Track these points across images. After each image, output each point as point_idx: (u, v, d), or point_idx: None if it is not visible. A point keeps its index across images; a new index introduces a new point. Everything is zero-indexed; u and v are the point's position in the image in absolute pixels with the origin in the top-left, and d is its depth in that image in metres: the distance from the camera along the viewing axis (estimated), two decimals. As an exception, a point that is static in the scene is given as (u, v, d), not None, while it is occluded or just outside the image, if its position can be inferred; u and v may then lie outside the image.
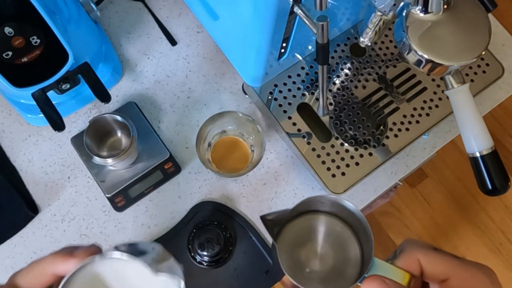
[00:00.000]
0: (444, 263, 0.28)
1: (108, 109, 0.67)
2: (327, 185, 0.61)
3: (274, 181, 0.66)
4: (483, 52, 0.45)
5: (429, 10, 0.43)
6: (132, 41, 0.71)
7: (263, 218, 0.35)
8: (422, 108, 0.65)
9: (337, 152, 0.62)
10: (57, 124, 0.53)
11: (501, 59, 0.69)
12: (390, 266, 0.30)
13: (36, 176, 0.64)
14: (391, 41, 0.68)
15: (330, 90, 0.65)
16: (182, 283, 0.29)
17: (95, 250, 0.31)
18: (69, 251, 0.31)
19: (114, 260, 0.30)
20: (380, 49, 0.68)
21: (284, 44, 0.56)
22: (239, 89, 0.70)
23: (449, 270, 0.28)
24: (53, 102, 0.53)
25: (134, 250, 0.31)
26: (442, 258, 0.29)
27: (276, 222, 0.35)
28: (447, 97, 0.50)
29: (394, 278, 0.30)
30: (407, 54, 0.45)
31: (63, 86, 0.56)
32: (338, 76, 0.66)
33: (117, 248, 0.30)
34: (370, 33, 0.53)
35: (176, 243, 0.61)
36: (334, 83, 0.66)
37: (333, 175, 0.61)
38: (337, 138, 0.63)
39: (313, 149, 0.62)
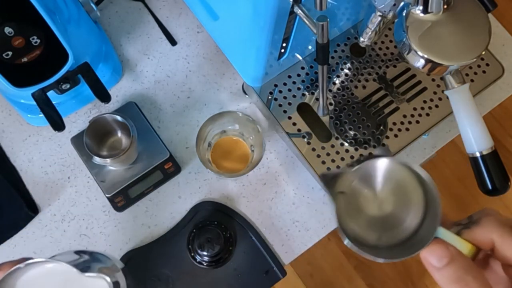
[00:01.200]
0: None
1: (108, 109, 0.67)
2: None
3: (274, 181, 0.66)
4: (483, 52, 0.45)
5: (429, 10, 0.43)
6: (132, 41, 0.71)
7: (323, 175, 0.33)
8: (422, 108, 0.65)
9: (337, 152, 0.62)
10: (57, 124, 0.53)
11: (501, 59, 0.69)
12: (457, 238, 0.29)
13: (36, 176, 0.64)
14: (391, 41, 0.68)
15: (330, 90, 0.65)
16: (110, 283, 0.30)
17: (24, 261, 0.30)
18: None
19: (38, 265, 0.30)
20: (380, 49, 0.68)
21: (284, 44, 0.56)
22: (239, 89, 0.70)
23: None
24: (53, 102, 0.53)
25: (90, 257, 0.32)
26: None
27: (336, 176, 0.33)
28: (447, 97, 0.50)
29: (459, 248, 0.28)
30: (407, 54, 0.45)
31: (63, 86, 0.56)
32: (338, 76, 0.66)
33: (76, 252, 0.32)
34: (370, 33, 0.53)
35: (176, 243, 0.61)
36: (334, 83, 0.66)
37: (333, 175, 0.61)
38: (337, 138, 0.63)
39: (313, 149, 0.62)
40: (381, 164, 0.34)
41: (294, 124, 0.63)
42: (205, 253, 0.59)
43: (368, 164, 0.34)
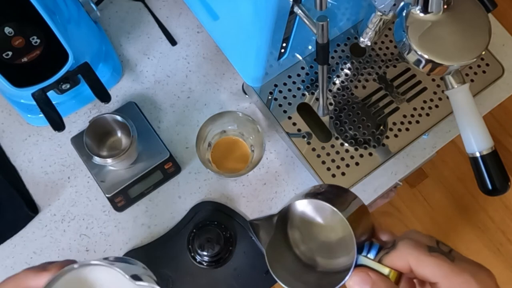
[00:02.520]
0: (435, 268, 0.28)
1: (108, 109, 0.67)
2: (327, 185, 0.61)
3: (274, 181, 0.66)
4: (483, 52, 0.45)
5: (429, 10, 0.43)
6: (132, 41, 0.71)
7: (251, 222, 0.35)
8: (422, 108, 0.65)
9: (337, 152, 0.62)
10: (57, 124, 0.53)
11: (501, 59, 0.69)
12: (377, 264, 0.30)
13: (36, 176, 0.64)
14: (391, 41, 0.68)
15: (330, 90, 0.65)
16: None
17: (69, 263, 0.31)
18: (42, 266, 0.31)
19: (92, 268, 0.29)
20: (380, 49, 0.68)
21: (284, 44, 0.56)
22: (239, 89, 0.70)
23: (439, 276, 0.27)
24: (53, 102, 0.53)
25: (121, 262, 0.31)
26: (434, 263, 0.28)
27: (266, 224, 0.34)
28: (447, 97, 0.50)
29: (383, 272, 0.29)
30: (407, 54, 0.45)
31: (63, 86, 0.56)
32: (338, 76, 0.66)
33: (105, 259, 0.30)
34: (370, 33, 0.53)
35: (176, 243, 0.61)
36: (334, 83, 0.66)
37: (333, 175, 0.61)
38: (337, 138, 0.63)
39: (313, 149, 0.62)
40: (304, 206, 0.35)
41: (294, 124, 0.63)
42: (205, 253, 0.59)
43: (294, 207, 0.35)
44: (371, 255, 0.31)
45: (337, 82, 0.66)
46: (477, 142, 0.48)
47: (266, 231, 0.35)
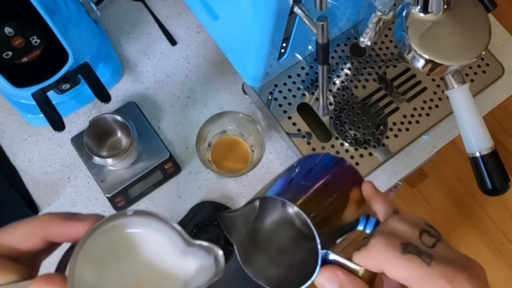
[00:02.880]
0: (405, 272, 0.26)
1: (108, 109, 0.67)
2: (327, 185, 0.61)
3: (274, 181, 0.66)
4: (483, 52, 0.45)
5: (429, 10, 0.43)
6: (132, 41, 0.71)
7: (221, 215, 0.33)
8: (422, 108, 0.65)
9: (337, 152, 0.62)
10: (57, 124, 0.53)
11: (501, 59, 0.69)
12: (348, 262, 0.28)
13: (36, 176, 0.64)
14: (391, 41, 0.68)
15: (330, 90, 0.65)
16: (220, 254, 0.25)
17: (99, 218, 0.26)
18: (70, 215, 0.26)
19: (144, 220, 0.24)
20: (380, 49, 0.68)
21: (284, 44, 0.56)
22: (239, 89, 0.70)
23: (411, 280, 0.25)
24: (53, 102, 0.53)
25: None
26: (406, 266, 0.25)
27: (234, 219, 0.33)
28: (447, 97, 0.50)
29: (355, 269, 0.27)
30: (407, 54, 0.45)
31: (63, 86, 0.56)
32: (338, 76, 0.66)
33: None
34: (370, 33, 0.53)
35: (176, 243, 0.61)
36: (334, 83, 0.66)
37: (333, 175, 0.61)
38: (337, 138, 0.63)
39: (313, 149, 0.62)
40: (270, 200, 0.34)
41: (294, 124, 0.63)
42: (205, 253, 0.59)
43: (263, 201, 0.33)
44: (368, 230, 0.29)
45: (337, 82, 0.66)
46: (477, 142, 0.48)
47: (239, 224, 0.33)
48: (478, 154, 0.48)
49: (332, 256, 0.28)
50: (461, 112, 0.48)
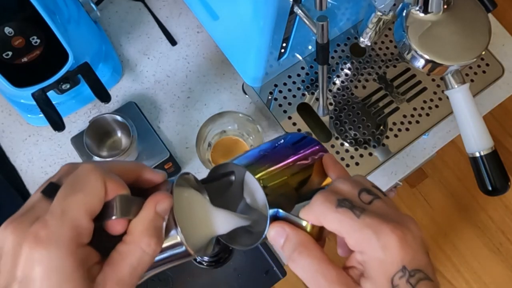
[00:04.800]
0: (337, 225, 0.27)
1: (108, 109, 0.67)
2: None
3: (274, 181, 0.66)
4: (483, 52, 0.45)
5: (429, 10, 0.43)
6: (132, 41, 0.71)
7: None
8: (422, 108, 0.65)
9: (337, 152, 0.62)
10: (57, 124, 0.53)
11: (501, 59, 0.69)
12: (293, 217, 0.30)
13: (36, 176, 0.64)
14: (391, 41, 0.68)
15: (330, 90, 0.65)
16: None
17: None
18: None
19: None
20: (380, 49, 0.68)
21: (284, 44, 0.56)
22: (239, 89, 0.70)
23: (343, 232, 0.27)
24: (53, 102, 0.53)
25: None
26: (338, 219, 0.27)
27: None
28: (447, 97, 0.50)
29: (304, 226, 0.29)
30: (407, 54, 0.45)
31: (63, 86, 0.56)
32: (338, 76, 0.66)
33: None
34: (370, 33, 0.53)
35: (176, 243, 0.61)
36: (334, 83, 0.66)
37: (333, 175, 0.61)
38: (337, 138, 0.63)
39: (313, 149, 0.62)
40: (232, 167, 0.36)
41: (294, 124, 0.63)
42: (205, 253, 0.59)
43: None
44: None
45: (337, 82, 0.66)
46: (477, 142, 0.48)
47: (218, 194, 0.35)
48: (478, 154, 0.48)
49: (282, 214, 0.30)
50: (461, 112, 0.48)
